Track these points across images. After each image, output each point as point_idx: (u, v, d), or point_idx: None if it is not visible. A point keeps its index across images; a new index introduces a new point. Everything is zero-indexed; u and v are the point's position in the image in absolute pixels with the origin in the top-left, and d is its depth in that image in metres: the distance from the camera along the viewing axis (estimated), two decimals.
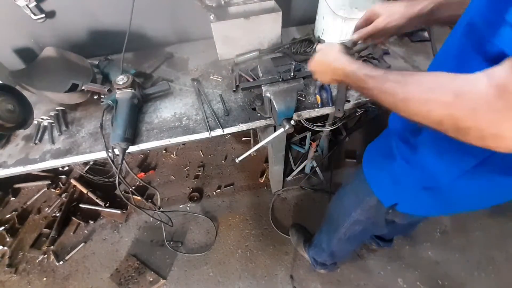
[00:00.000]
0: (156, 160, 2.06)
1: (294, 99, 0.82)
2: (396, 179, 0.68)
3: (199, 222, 1.70)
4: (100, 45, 1.26)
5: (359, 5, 1.01)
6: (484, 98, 0.33)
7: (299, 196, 1.78)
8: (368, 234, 0.97)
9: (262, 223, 1.68)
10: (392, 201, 0.72)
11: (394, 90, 0.44)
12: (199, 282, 1.48)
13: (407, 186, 0.66)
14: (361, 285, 1.42)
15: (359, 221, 0.89)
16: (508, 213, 1.62)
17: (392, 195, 0.71)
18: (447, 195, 0.61)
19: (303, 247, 1.46)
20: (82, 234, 1.70)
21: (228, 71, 1.17)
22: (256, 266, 1.52)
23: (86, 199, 1.84)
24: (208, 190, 1.85)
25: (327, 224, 1.13)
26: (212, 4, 1.14)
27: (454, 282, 1.41)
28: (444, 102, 0.36)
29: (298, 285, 1.44)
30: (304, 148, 1.87)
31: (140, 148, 0.93)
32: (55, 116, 1.02)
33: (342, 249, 1.18)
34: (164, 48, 1.33)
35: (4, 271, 1.56)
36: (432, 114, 0.38)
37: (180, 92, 1.10)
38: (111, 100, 0.94)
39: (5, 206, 1.84)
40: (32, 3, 1.05)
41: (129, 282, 1.48)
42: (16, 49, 1.21)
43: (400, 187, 0.68)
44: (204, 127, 0.94)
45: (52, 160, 0.90)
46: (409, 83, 0.42)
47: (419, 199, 0.66)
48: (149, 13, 1.21)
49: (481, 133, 0.34)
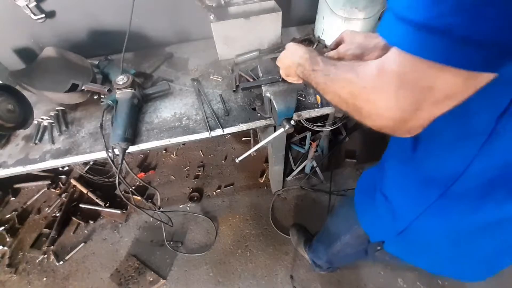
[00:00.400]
0: (156, 160, 2.06)
1: (294, 99, 0.82)
2: (379, 217, 0.65)
3: (199, 222, 1.70)
4: (100, 45, 1.26)
5: (359, 5, 1.01)
6: (369, 77, 0.35)
7: (299, 196, 1.78)
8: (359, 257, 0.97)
9: (262, 223, 1.68)
10: (378, 238, 0.68)
11: (329, 71, 0.47)
12: (199, 282, 1.48)
13: (386, 226, 0.63)
14: (361, 285, 1.42)
15: (349, 244, 0.88)
16: None
17: (377, 232, 0.68)
18: (422, 240, 0.57)
19: (303, 247, 1.46)
20: (82, 234, 1.70)
21: (228, 71, 1.17)
22: (256, 266, 1.52)
23: (86, 199, 1.83)
24: (208, 190, 1.85)
25: (323, 236, 1.12)
26: (212, 4, 1.14)
27: (454, 282, 1.41)
28: (349, 79, 0.39)
29: (298, 285, 1.44)
30: (304, 148, 1.87)
31: (140, 148, 0.93)
32: (55, 116, 1.02)
33: (337, 261, 1.18)
34: (164, 48, 1.33)
35: (4, 271, 1.56)
36: (342, 92, 0.41)
37: (180, 92, 1.10)
38: (111, 100, 0.94)
39: (5, 206, 1.84)
40: (32, 3, 1.05)
41: (129, 282, 1.48)
42: (16, 49, 1.21)
43: (382, 226, 0.65)
44: (204, 127, 0.94)
45: (52, 160, 0.90)
46: (340, 66, 0.44)
47: (399, 243, 0.62)
48: (149, 13, 1.21)
49: (369, 111, 0.37)
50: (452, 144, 0.43)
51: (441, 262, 0.61)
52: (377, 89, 0.34)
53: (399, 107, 0.33)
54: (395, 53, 0.32)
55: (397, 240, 0.62)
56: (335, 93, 0.44)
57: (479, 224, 0.47)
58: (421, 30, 0.28)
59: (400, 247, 0.65)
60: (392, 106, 0.33)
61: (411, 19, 0.28)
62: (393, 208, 0.59)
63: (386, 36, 0.33)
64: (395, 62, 0.32)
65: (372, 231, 0.70)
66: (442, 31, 0.26)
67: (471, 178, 0.42)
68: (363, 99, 0.37)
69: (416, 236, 0.57)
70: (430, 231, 0.54)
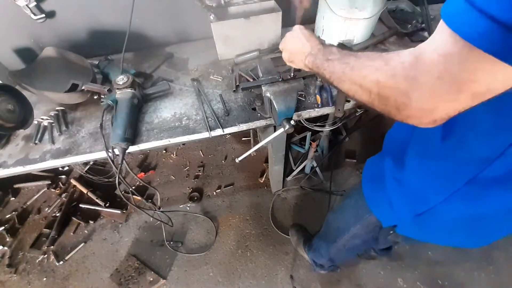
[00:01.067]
0: (156, 160, 2.06)
1: (294, 99, 0.81)
2: (391, 202, 0.66)
3: (199, 222, 1.70)
4: (100, 45, 1.26)
5: (359, 5, 1.01)
6: (402, 65, 0.34)
7: (299, 196, 1.78)
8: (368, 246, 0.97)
9: (262, 223, 1.68)
10: (390, 222, 0.70)
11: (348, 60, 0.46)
12: (199, 282, 1.48)
13: (400, 210, 0.64)
14: (361, 285, 1.42)
15: (358, 235, 0.88)
16: None
17: (389, 217, 0.70)
18: (441, 221, 0.58)
19: (303, 247, 1.46)
20: (82, 234, 1.70)
21: (228, 71, 1.17)
22: (256, 266, 1.52)
23: (86, 199, 1.83)
24: (208, 190, 1.85)
25: (326, 234, 1.13)
26: (212, 4, 1.14)
27: (454, 282, 1.41)
28: (375, 67, 0.38)
29: (298, 285, 1.44)
30: (304, 148, 1.87)
31: (140, 148, 0.93)
32: (55, 116, 1.02)
33: (340, 257, 1.18)
34: (164, 48, 1.33)
35: (4, 271, 1.56)
36: (365, 81, 0.40)
37: (180, 92, 1.10)
38: (111, 100, 0.94)
39: (5, 206, 1.84)
40: (32, 3, 1.05)
41: (129, 282, 1.48)
42: (16, 49, 1.21)
43: (396, 210, 0.66)
44: (204, 127, 0.94)
45: (52, 160, 0.90)
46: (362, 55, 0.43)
47: (416, 224, 0.64)
48: (149, 13, 1.21)
49: (397, 101, 0.35)
50: (487, 134, 0.43)
51: (452, 237, 0.63)
52: (411, 78, 0.33)
53: (434, 97, 0.32)
54: (449, 42, 0.31)
55: (413, 222, 0.63)
56: (354, 82, 0.42)
57: (504, 209, 0.48)
58: (501, 28, 0.27)
59: (414, 229, 0.66)
60: (425, 96, 0.32)
61: (493, 15, 0.27)
62: (412, 192, 0.59)
63: (455, 25, 0.31)
64: (444, 50, 0.31)
65: (385, 216, 0.71)
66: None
67: (502, 165, 0.43)
68: (391, 88, 0.36)
69: (436, 217, 0.58)
70: (452, 214, 0.55)
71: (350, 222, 0.88)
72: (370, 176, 0.79)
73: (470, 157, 0.47)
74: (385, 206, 0.69)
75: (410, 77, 0.33)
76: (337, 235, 0.98)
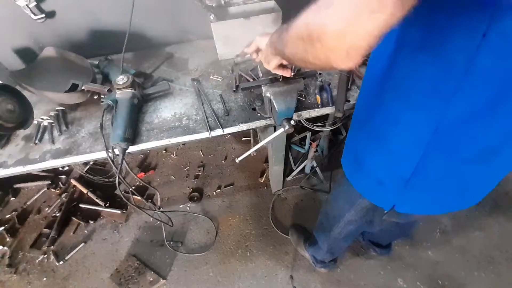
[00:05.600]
0: (156, 160, 2.06)
1: (294, 99, 0.81)
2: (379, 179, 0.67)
3: (199, 222, 1.70)
4: (100, 45, 1.26)
5: None
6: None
7: (299, 196, 1.78)
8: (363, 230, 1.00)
9: (262, 223, 1.68)
10: (390, 204, 0.70)
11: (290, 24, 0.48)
12: (199, 282, 1.48)
13: (389, 181, 0.65)
14: (361, 285, 1.42)
15: (353, 221, 0.90)
16: (508, 213, 1.62)
17: (385, 197, 0.70)
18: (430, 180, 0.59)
19: (303, 246, 1.47)
20: (82, 234, 1.70)
21: (228, 71, 1.17)
22: (256, 266, 1.52)
23: (86, 199, 1.83)
24: (208, 190, 1.85)
25: (322, 224, 1.14)
26: (212, 4, 1.14)
27: (454, 282, 1.41)
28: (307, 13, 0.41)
29: (298, 285, 1.44)
30: (304, 148, 1.87)
31: (140, 148, 0.93)
32: (55, 116, 1.02)
33: (338, 246, 1.20)
34: (164, 48, 1.33)
35: (4, 271, 1.56)
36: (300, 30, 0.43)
37: (180, 92, 1.10)
38: (111, 100, 0.94)
39: (5, 206, 1.84)
40: (32, 3, 1.05)
41: (129, 282, 1.48)
42: (16, 49, 1.21)
43: (386, 184, 0.66)
44: (204, 127, 0.94)
45: (52, 160, 0.90)
46: None
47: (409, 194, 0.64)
48: (149, 13, 1.21)
49: (318, 32, 0.38)
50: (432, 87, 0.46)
51: (446, 199, 0.64)
52: (324, 7, 0.37)
53: (340, 17, 0.34)
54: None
55: (404, 194, 0.64)
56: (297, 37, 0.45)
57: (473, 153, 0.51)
58: None
59: (409, 201, 0.67)
60: (335, 19, 0.35)
61: None
62: (392, 156, 0.61)
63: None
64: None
65: (381, 199, 0.71)
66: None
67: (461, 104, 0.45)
68: (316, 24, 0.38)
69: (423, 179, 0.59)
70: (433, 168, 0.56)
71: (344, 209, 0.88)
72: (348, 160, 0.79)
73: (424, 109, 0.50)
74: (374, 185, 0.69)
75: (323, 6, 0.37)
76: (333, 224, 0.99)
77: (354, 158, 0.74)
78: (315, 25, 0.39)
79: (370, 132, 0.65)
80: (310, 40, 0.40)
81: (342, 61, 0.38)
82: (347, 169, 0.79)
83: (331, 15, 0.36)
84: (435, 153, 0.53)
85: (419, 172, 0.58)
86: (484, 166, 0.54)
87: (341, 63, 0.39)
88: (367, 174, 0.70)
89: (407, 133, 0.55)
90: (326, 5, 0.37)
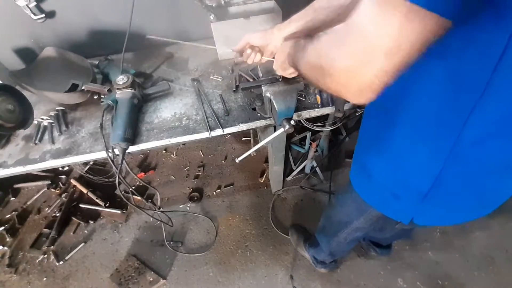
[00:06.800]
0: (156, 160, 2.06)
1: (294, 99, 0.82)
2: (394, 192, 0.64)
3: (199, 222, 1.70)
4: (100, 45, 1.26)
5: None
6: (332, 32, 0.37)
7: (299, 196, 1.78)
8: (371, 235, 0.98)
9: (262, 223, 1.68)
10: (408, 217, 0.66)
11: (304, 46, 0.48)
12: (199, 282, 1.48)
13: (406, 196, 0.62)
14: (361, 285, 1.42)
15: (361, 228, 0.87)
16: (508, 214, 1.62)
17: (402, 211, 0.67)
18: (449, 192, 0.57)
19: (303, 246, 1.46)
20: (82, 234, 1.70)
21: (228, 71, 1.17)
22: (256, 266, 1.52)
23: (86, 199, 1.83)
24: (208, 190, 1.85)
25: (326, 228, 1.12)
26: (212, 4, 1.14)
27: (454, 282, 1.41)
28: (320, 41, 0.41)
29: (298, 285, 1.44)
30: (304, 148, 1.87)
31: (140, 148, 0.93)
32: (55, 116, 1.02)
33: (341, 249, 1.18)
34: (164, 48, 1.33)
35: (4, 271, 1.56)
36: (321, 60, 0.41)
37: (180, 92, 1.10)
38: (111, 100, 0.94)
39: (5, 206, 1.84)
40: (32, 3, 1.05)
41: (129, 282, 1.48)
42: (16, 49, 1.21)
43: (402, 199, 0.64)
44: (204, 127, 0.94)
45: (52, 160, 0.90)
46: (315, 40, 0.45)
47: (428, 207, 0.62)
48: (149, 13, 1.21)
49: (329, 66, 0.38)
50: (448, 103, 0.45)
51: (465, 210, 0.63)
52: (339, 43, 0.36)
53: (351, 56, 0.34)
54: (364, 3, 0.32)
55: (423, 207, 0.62)
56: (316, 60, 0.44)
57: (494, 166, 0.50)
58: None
59: (428, 214, 0.65)
60: (345, 56, 0.35)
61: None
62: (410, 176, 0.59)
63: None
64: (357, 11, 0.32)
65: (398, 213, 0.68)
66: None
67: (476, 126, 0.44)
68: (328, 58, 0.38)
69: (443, 191, 0.57)
70: (453, 180, 0.54)
71: (353, 216, 0.86)
72: (358, 173, 0.76)
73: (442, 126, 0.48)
74: (389, 199, 0.67)
75: (336, 40, 0.37)
76: (339, 229, 0.96)
77: (364, 172, 0.70)
78: (327, 59, 0.38)
79: (382, 148, 0.62)
80: (321, 72, 0.40)
81: (353, 96, 0.37)
82: (356, 181, 0.76)
83: (344, 53, 0.35)
84: (455, 166, 0.52)
85: (438, 186, 0.56)
86: (505, 176, 0.53)
87: (352, 98, 0.38)
88: (380, 188, 0.67)
89: (425, 149, 0.53)
90: (340, 42, 0.36)
